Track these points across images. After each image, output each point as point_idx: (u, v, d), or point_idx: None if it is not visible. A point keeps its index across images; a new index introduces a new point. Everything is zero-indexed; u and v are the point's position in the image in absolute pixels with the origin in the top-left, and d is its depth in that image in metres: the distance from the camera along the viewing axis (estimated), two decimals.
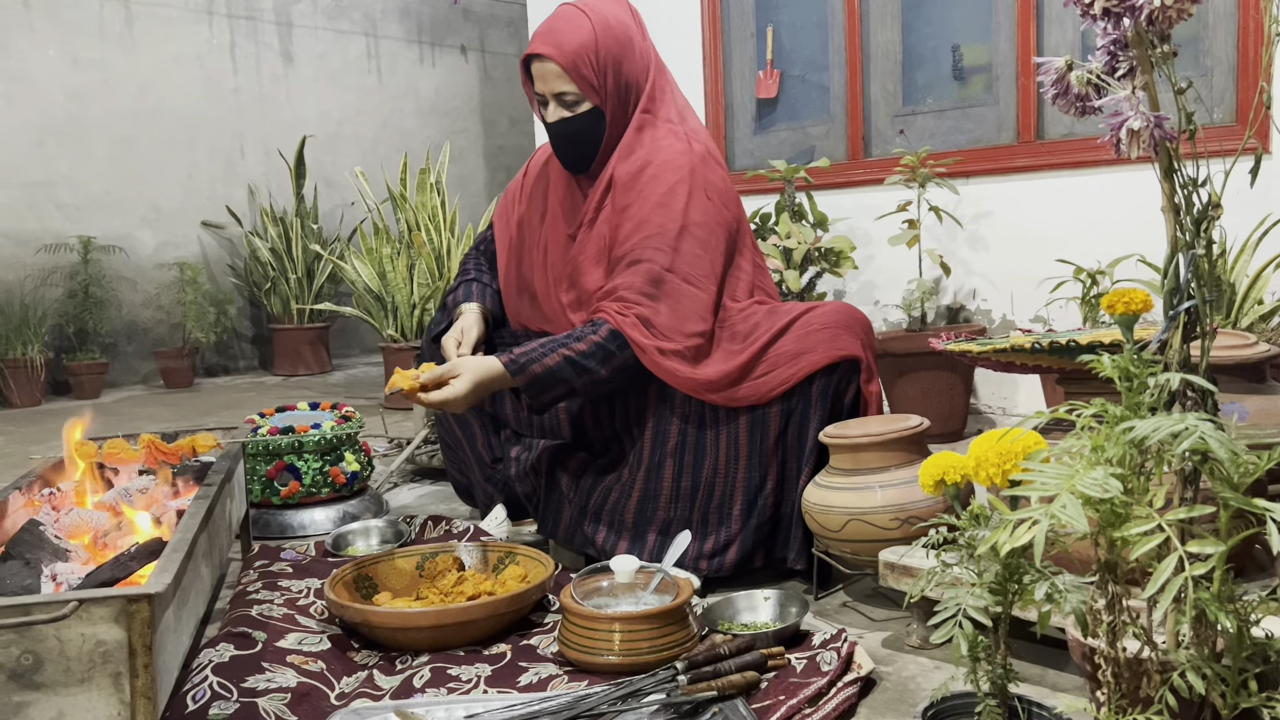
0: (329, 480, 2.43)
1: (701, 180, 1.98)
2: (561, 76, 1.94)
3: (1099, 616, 0.88)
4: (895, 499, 1.65)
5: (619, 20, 1.99)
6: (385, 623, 1.58)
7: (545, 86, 1.98)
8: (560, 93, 1.97)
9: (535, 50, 1.96)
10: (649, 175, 1.97)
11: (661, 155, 1.98)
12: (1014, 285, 3.42)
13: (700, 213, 1.96)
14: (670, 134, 2.02)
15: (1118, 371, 0.88)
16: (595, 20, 1.96)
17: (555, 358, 1.85)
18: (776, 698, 1.37)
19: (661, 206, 1.95)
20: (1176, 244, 1.05)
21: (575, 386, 1.87)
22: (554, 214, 2.13)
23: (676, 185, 1.95)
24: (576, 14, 1.97)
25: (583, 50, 1.93)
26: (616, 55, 1.97)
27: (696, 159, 1.99)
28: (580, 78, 1.94)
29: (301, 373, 5.82)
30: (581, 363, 1.85)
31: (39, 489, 1.79)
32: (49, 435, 4.06)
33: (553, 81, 1.96)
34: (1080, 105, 1.13)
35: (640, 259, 1.92)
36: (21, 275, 5.17)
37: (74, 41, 5.39)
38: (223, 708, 1.34)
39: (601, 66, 1.95)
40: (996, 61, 3.50)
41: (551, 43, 1.94)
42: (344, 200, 6.40)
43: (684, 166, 1.97)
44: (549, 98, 1.98)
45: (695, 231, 1.94)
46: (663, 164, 1.98)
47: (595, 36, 1.94)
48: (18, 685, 1.12)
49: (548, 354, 1.85)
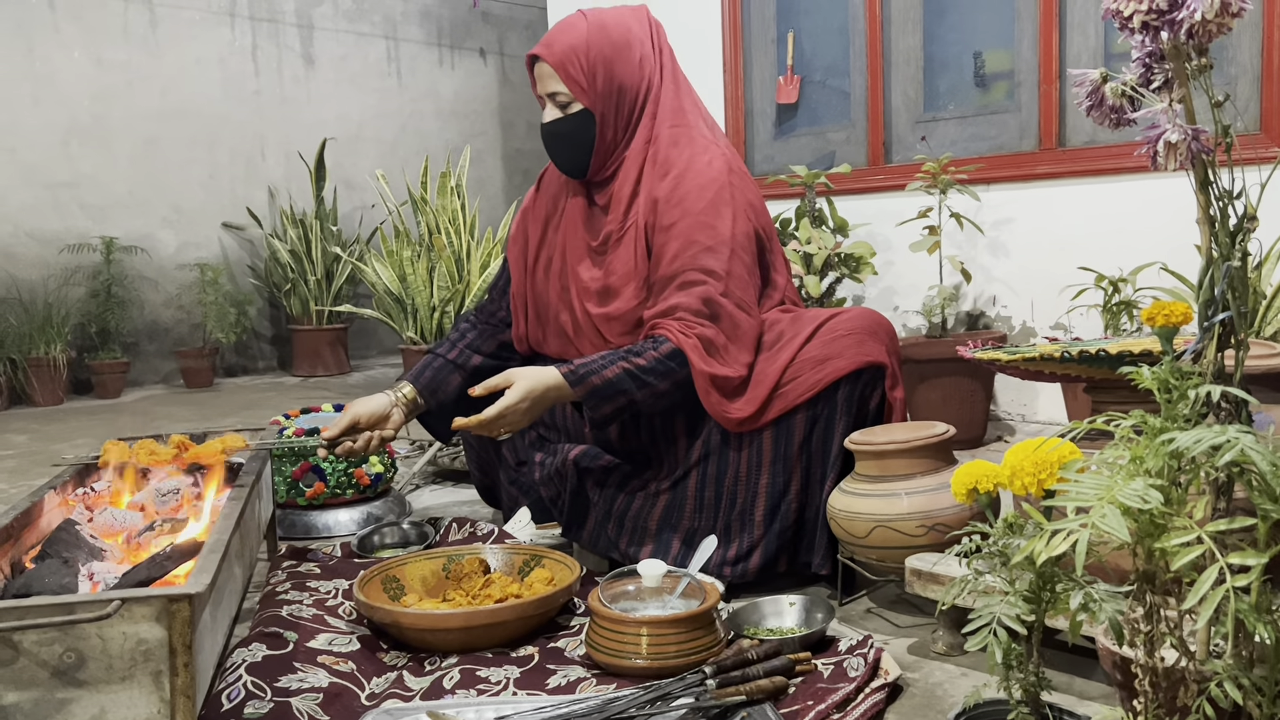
0: (353, 481, 2.45)
1: (742, 199, 1.98)
2: (552, 76, 1.99)
3: (1137, 626, 0.89)
4: (921, 506, 1.66)
5: (619, 24, 2.03)
6: (415, 624, 1.59)
7: (541, 87, 2.03)
8: (553, 93, 2.00)
9: (534, 51, 2.02)
10: (691, 192, 1.96)
11: (700, 172, 1.97)
12: (1035, 292, 3.42)
13: (743, 231, 1.95)
14: (705, 149, 2.01)
15: (1157, 383, 0.89)
16: (591, 22, 2.00)
17: (615, 369, 1.85)
18: (804, 703, 1.37)
19: (707, 226, 1.93)
20: (1212, 256, 1.05)
21: (635, 399, 1.86)
22: (571, 228, 2.11)
23: (719, 204, 1.94)
24: (576, 18, 2.02)
25: (572, 51, 1.97)
26: (608, 57, 1.99)
27: (735, 175, 1.99)
28: (568, 77, 1.97)
29: (320, 373, 5.85)
30: (643, 376, 1.85)
31: (73, 488, 1.81)
32: (71, 434, 4.10)
33: (545, 81, 2.01)
34: (1115, 117, 1.14)
35: (694, 280, 1.90)
36: (45, 274, 5.22)
37: (98, 43, 5.44)
38: (257, 707, 1.35)
39: (590, 67, 1.98)
40: (1018, 68, 3.50)
41: (545, 44, 2.00)
42: (363, 202, 6.43)
43: (724, 184, 1.96)
44: (545, 99, 2.03)
45: (741, 253, 1.94)
46: (704, 181, 1.96)
47: (587, 38, 1.98)
48: (61, 683, 1.14)
49: (608, 365, 1.85)
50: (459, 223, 4.58)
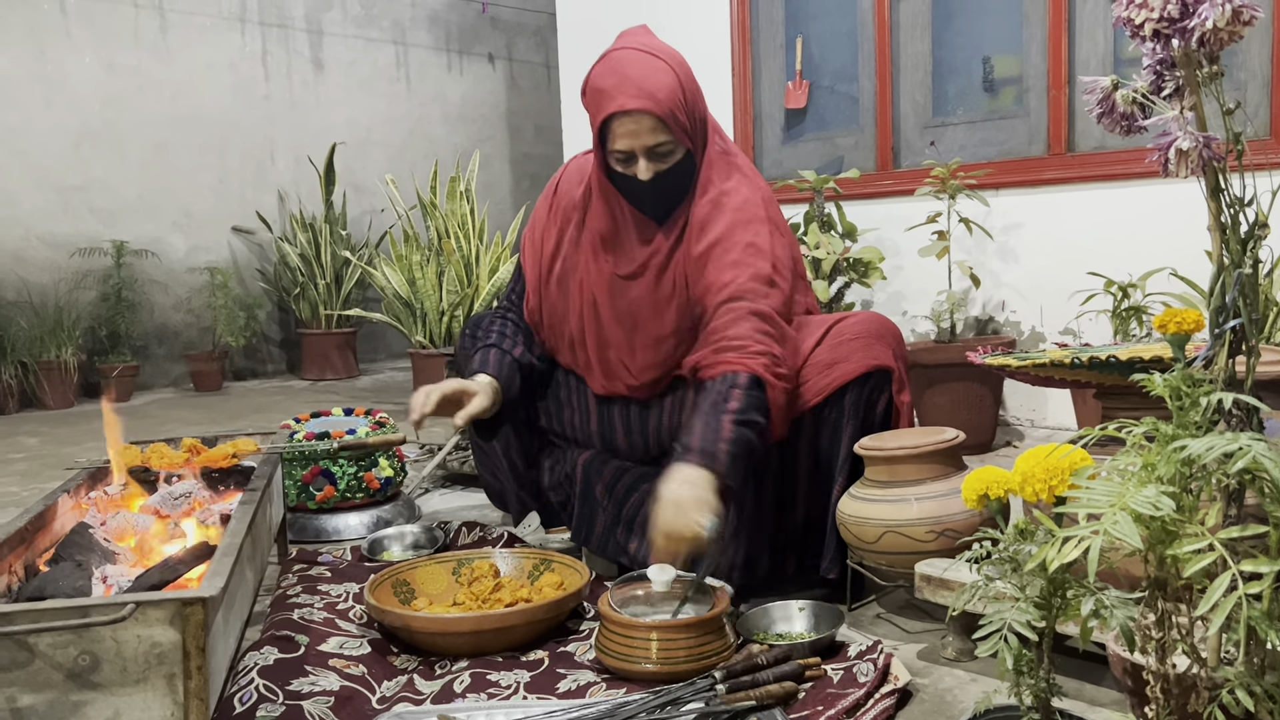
0: (363, 485, 2.46)
1: (776, 219, 1.95)
2: (657, 128, 1.80)
3: (1148, 633, 0.89)
4: (931, 511, 1.66)
5: (680, 55, 1.90)
6: (426, 628, 1.60)
7: (636, 142, 1.81)
8: (654, 145, 1.82)
9: (625, 106, 1.78)
10: (732, 217, 1.89)
11: (736, 195, 1.91)
12: (1044, 297, 3.42)
13: (783, 252, 1.92)
14: (737, 171, 1.96)
15: (1169, 390, 0.89)
16: (669, 60, 1.83)
17: (726, 426, 1.69)
18: (814, 708, 1.38)
19: (752, 248, 1.88)
20: (1223, 263, 1.06)
21: (755, 446, 1.72)
22: (599, 252, 2.01)
23: (758, 227, 1.89)
24: (650, 59, 1.82)
25: (674, 95, 1.80)
26: (694, 93, 1.87)
27: (765, 196, 1.95)
28: (678, 125, 1.81)
29: (329, 377, 5.87)
30: (745, 418, 1.71)
31: (85, 492, 1.82)
32: (82, 437, 4.12)
33: (646, 136, 1.80)
34: (1126, 124, 1.14)
35: (746, 302, 1.83)
36: (56, 278, 5.25)
37: (110, 48, 5.47)
38: (269, 710, 1.36)
39: (691, 109, 1.85)
40: (1027, 73, 3.50)
41: (640, 93, 1.77)
42: (372, 206, 6.45)
43: (759, 206, 1.92)
44: (639, 153, 1.83)
45: (783, 272, 1.90)
46: (741, 205, 1.91)
47: (678, 78, 1.82)
48: (75, 685, 1.15)
49: (717, 428, 1.69)
50: (468, 227, 4.59)
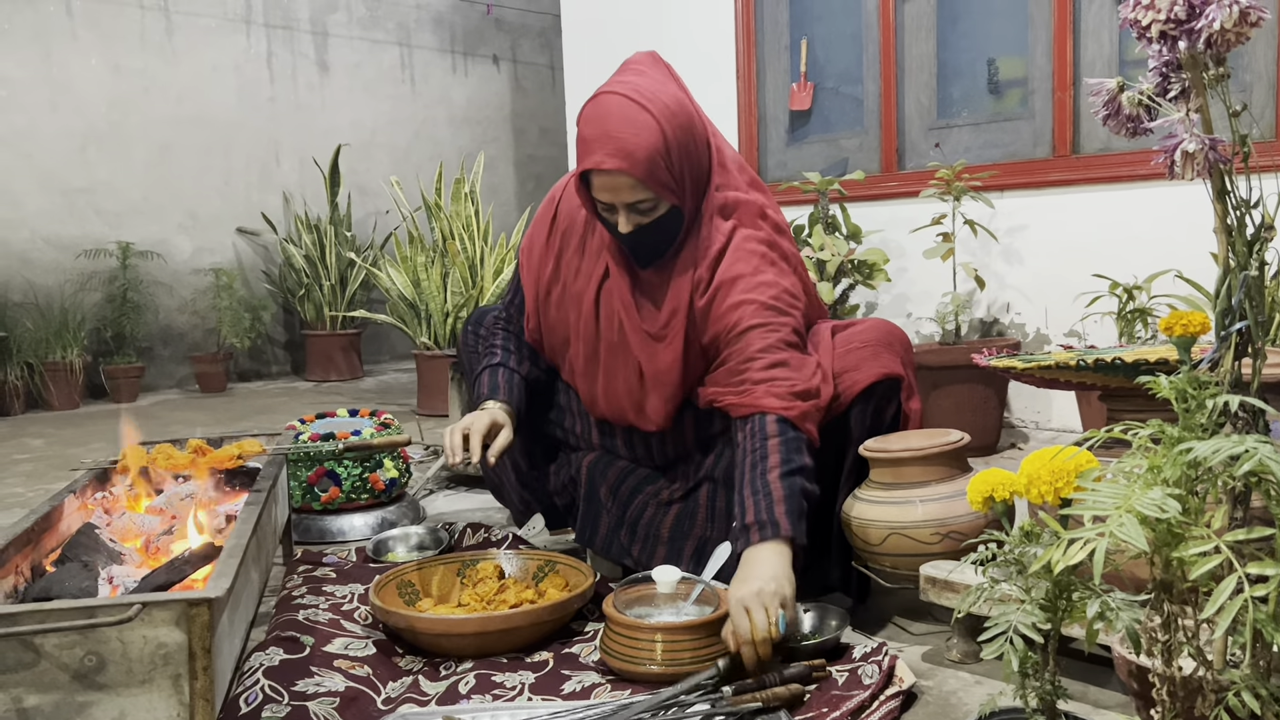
0: (368, 486, 2.46)
1: (785, 251, 1.91)
2: (636, 187, 1.71)
3: (1154, 635, 0.89)
4: (936, 513, 1.66)
5: (676, 100, 1.76)
6: (430, 629, 1.60)
7: (614, 197, 1.74)
8: (634, 202, 1.74)
9: (600, 165, 1.70)
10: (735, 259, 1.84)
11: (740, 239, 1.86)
12: (1048, 299, 3.41)
13: (790, 282, 1.87)
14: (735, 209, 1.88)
15: (1175, 393, 0.89)
16: (658, 112, 1.71)
17: (775, 485, 1.65)
18: (819, 710, 1.38)
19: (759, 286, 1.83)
20: (1229, 265, 1.05)
21: (807, 491, 1.68)
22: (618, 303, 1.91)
23: (760, 263, 1.84)
24: (633, 109, 1.70)
25: (655, 154, 1.69)
26: (686, 145, 1.76)
27: (768, 235, 1.89)
28: (657, 184, 1.72)
29: (333, 378, 5.88)
30: (792, 467, 1.68)
31: (92, 493, 1.82)
32: (87, 438, 4.13)
33: (624, 193, 1.73)
34: (1131, 126, 1.14)
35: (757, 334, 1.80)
36: (62, 280, 5.26)
37: (115, 50, 5.49)
38: (274, 711, 1.36)
39: (677, 165, 1.75)
40: (1032, 75, 3.50)
41: (617, 151, 1.68)
42: (377, 208, 6.46)
43: (763, 245, 1.87)
44: (619, 207, 1.76)
45: (794, 299, 1.86)
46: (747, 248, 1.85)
47: (664, 133, 1.71)
48: (82, 685, 1.15)
49: (768, 491, 1.65)
50: (473, 229, 4.60)
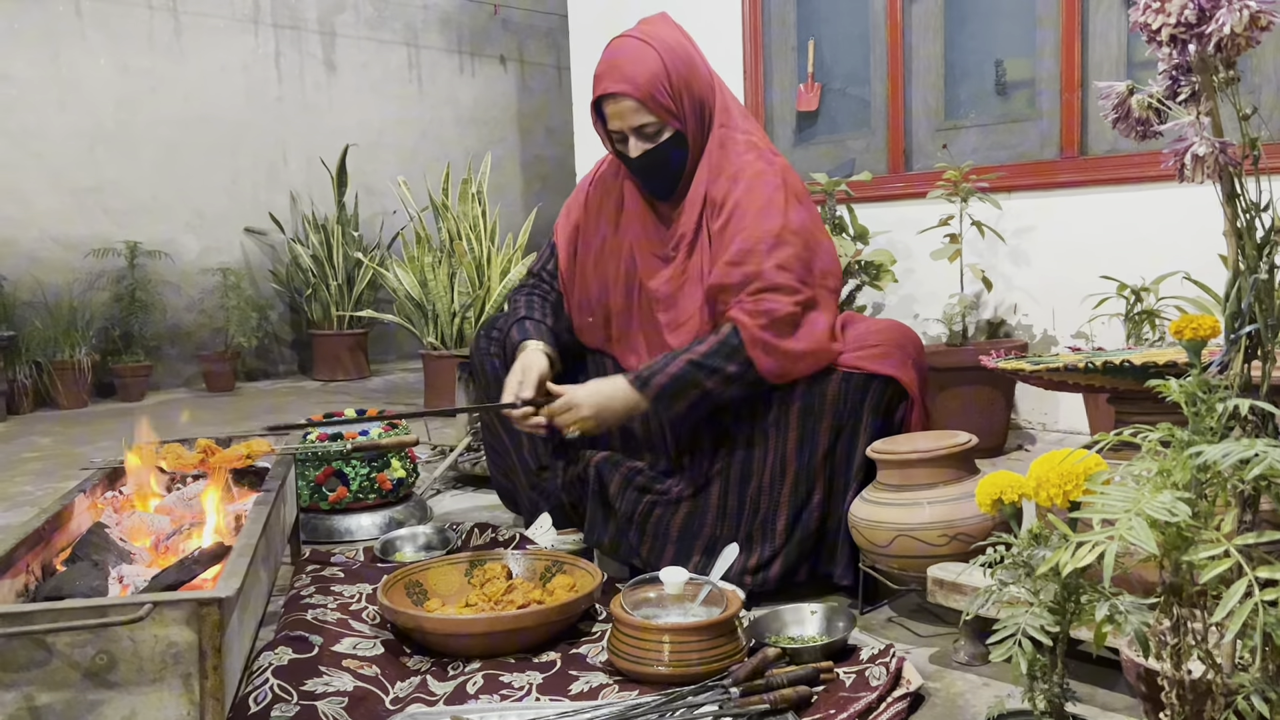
0: (375, 486, 2.46)
1: (794, 190, 2.00)
2: (639, 110, 1.92)
3: (1163, 639, 0.89)
4: (944, 515, 1.66)
5: (679, 42, 1.98)
6: (438, 629, 1.61)
7: (623, 123, 1.95)
8: (639, 126, 1.94)
9: (608, 89, 1.93)
10: (743, 190, 1.96)
11: (752, 169, 1.98)
12: (1056, 301, 3.41)
13: (798, 217, 1.96)
14: (753, 148, 2.01)
15: (1185, 396, 0.89)
16: (659, 46, 1.94)
17: (679, 364, 1.87)
18: (827, 711, 1.38)
19: (763, 214, 1.94)
20: (1239, 268, 1.05)
21: (707, 388, 1.87)
22: (634, 234, 2.09)
23: (773, 194, 1.95)
24: (638, 45, 1.95)
25: (655, 79, 1.91)
26: (686, 76, 1.96)
27: (783, 168, 2.01)
28: (659, 106, 1.92)
29: (340, 378, 5.89)
30: (706, 363, 1.86)
31: (101, 492, 1.83)
32: (95, 436, 4.14)
33: (630, 117, 1.94)
34: (1141, 130, 1.14)
35: (750, 265, 1.91)
36: (70, 279, 5.28)
37: (124, 50, 5.50)
38: (284, 710, 1.37)
39: (676, 91, 1.94)
40: (1040, 76, 3.49)
41: (622, 78, 1.92)
42: (383, 208, 6.47)
43: (776, 176, 1.98)
44: (628, 133, 1.96)
45: (797, 235, 1.94)
46: (755, 176, 1.97)
47: (664, 63, 1.93)
48: (93, 684, 1.16)
49: (670, 362, 1.88)
50: (480, 229, 4.61)
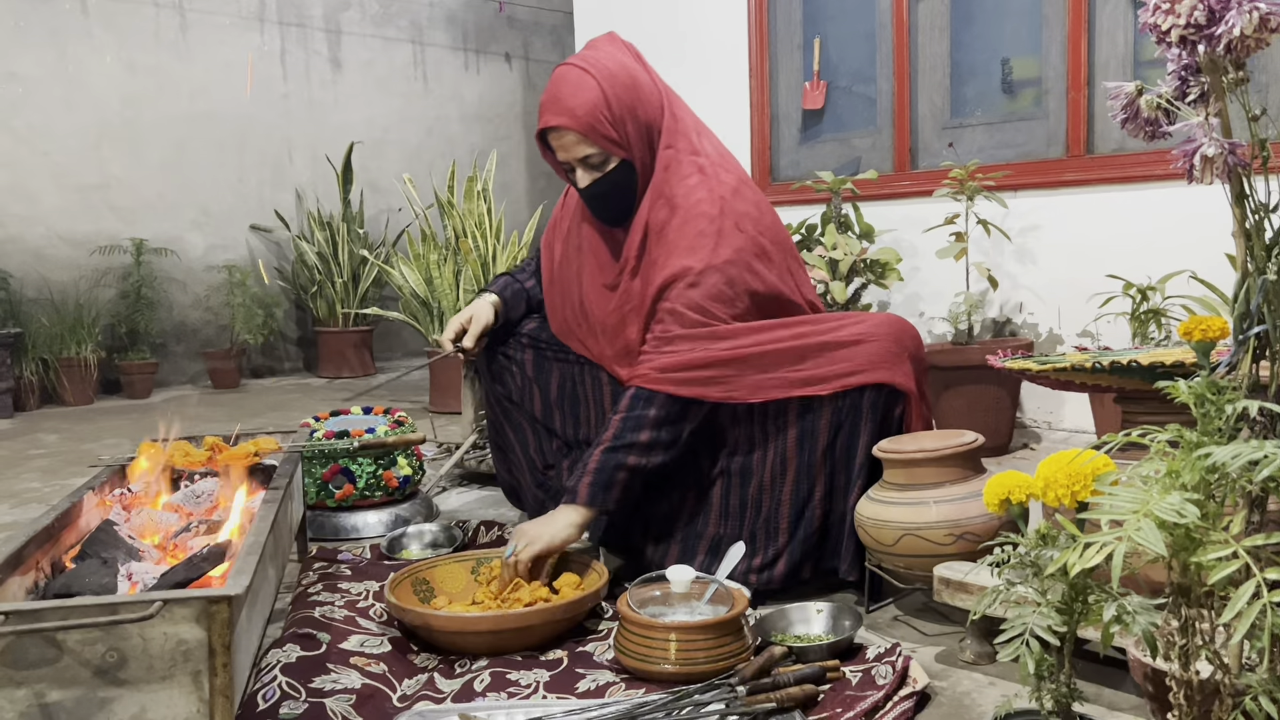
0: (382, 484, 2.47)
1: (733, 216, 1.95)
2: (581, 142, 1.92)
3: (1171, 639, 0.89)
4: (950, 515, 1.66)
5: (621, 65, 1.96)
6: (445, 627, 1.61)
7: (568, 154, 1.96)
8: (584, 157, 1.94)
9: (549, 123, 1.92)
10: (678, 222, 1.95)
11: (691, 198, 1.95)
12: (1061, 299, 3.41)
13: (730, 249, 1.93)
14: (697, 171, 1.98)
15: (1194, 397, 0.89)
16: (599, 74, 1.92)
17: (595, 459, 1.85)
18: (833, 710, 1.38)
19: (689, 251, 1.92)
20: (1247, 269, 1.06)
21: (630, 464, 1.85)
22: (590, 264, 2.11)
23: (704, 228, 1.92)
24: (577, 74, 1.93)
25: (595, 109, 1.90)
26: (629, 103, 1.94)
27: (727, 193, 1.96)
28: (600, 137, 1.91)
29: (345, 375, 5.90)
30: (620, 442, 1.85)
31: (110, 489, 1.83)
32: (102, 433, 4.15)
33: (573, 149, 1.94)
34: (1150, 130, 1.14)
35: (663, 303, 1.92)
36: (76, 276, 5.28)
37: (130, 48, 5.51)
38: (292, 708, 1.37)
39: (618, 119, 1.92)
40: (1046, 75, 3.49)
41: (562, 110, 1.90)
42: (389, 205, 6.47)
43: (713, 207, 1.94)
44: (574, 164, 1.97)
45: (725, 269, 1.91)
46: (691, 207, 1.94)
47: (603, 92, 1.90)
48: (103, 681, 1.16)
49: (588, 461, 1.86)
50: (485, 226, 4.60)
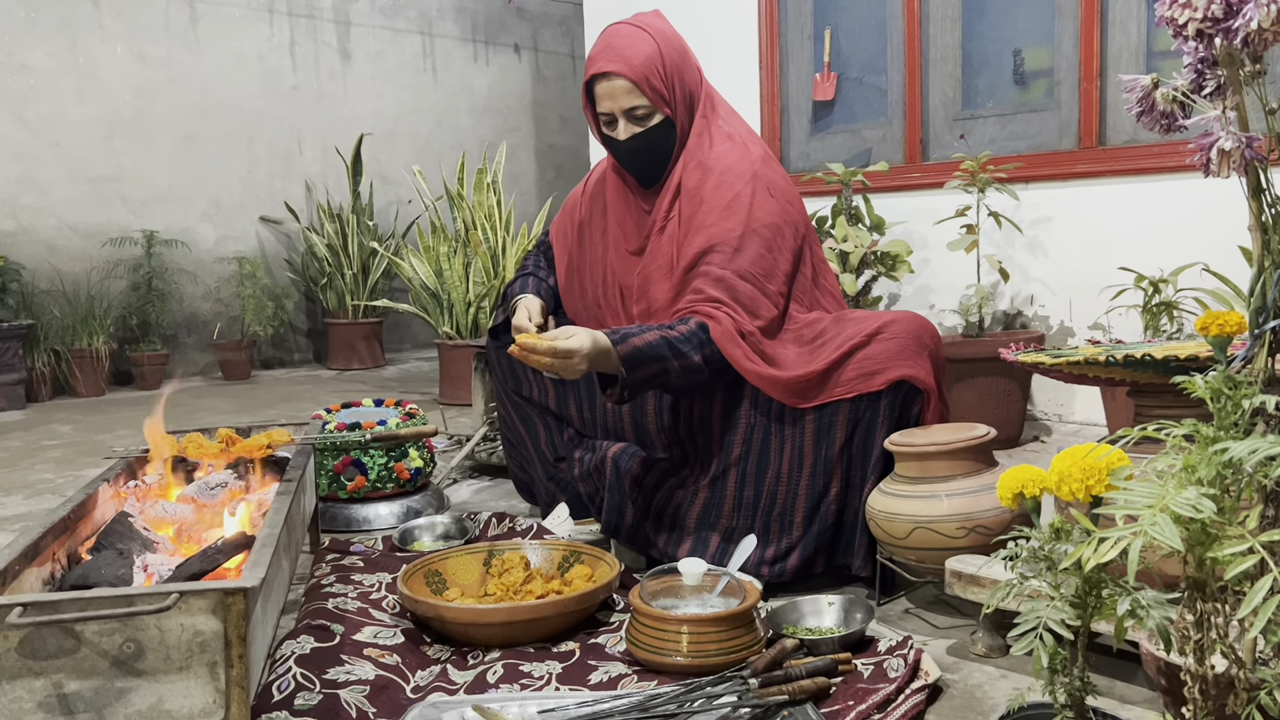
0: (393, 476, 2.48)
1: (765, 181, 2.02)
2: (632, 91, 1.96)
3: (1186, 634, 0.89)
4: (962, 508, 1.66)
5: (674, 34, 2.05)
6: (458, 618, 1.62)
7: (614, 104, 1.99)
8: (631, 108, 1.98)
9: (603, 69, 1.97)
10: (713, 184, 2.01)
11: (723, 161, 2.02)
12: (1073, 292, 3.40)
13: (765, 214, 1.99)
14: (727, 139, 2.05)
15: (1210, 392, 0.89)
16: (654, 33, 2.00)
17: (653, 335, 1.85)
18: (845, 703, 1.38)
19: (728, 212, 1.98)
20: (1263, 263, 1.05)
21: (670, 368, 1.84)
22: (614, 232, 2.16)
23: (741, 190, 1.99)
24: (634, 30, 2.00)
25: (650, 62, 1.96)
26: (679, 65, 2.02)
27: (758, 161, 2.03)
28: (652, 89, 1.97)
29: (355, 367, 5.91)
30: (678, 345, 1.85)
31: (124, 481, 1.84)
32: (114, 424, 4.17)
33: (622, 98, 1.98)
34: (1166, 123, 1.14)
35: (709, 266, 1.95)
36: (88, 268, 5.31)
37: (140, 39, 5.52)
38: (307, 699, 1.38)
39: (669, 77, 1.99)
40: (1059, 66, 3.47)
41: (618, 59, 1.96)
42: (398, 197, 6.48)
43: (746, 171, 2.01)
44: (618, 115, 2.00)
45: (762, 233, 1.97)
46: (725, 170, 2.01)
47: (659, 48, 1.98)
48: (120, 672, 1.17)
49: (646, 331, 1.86)
50: (495, 218, 4.61)
